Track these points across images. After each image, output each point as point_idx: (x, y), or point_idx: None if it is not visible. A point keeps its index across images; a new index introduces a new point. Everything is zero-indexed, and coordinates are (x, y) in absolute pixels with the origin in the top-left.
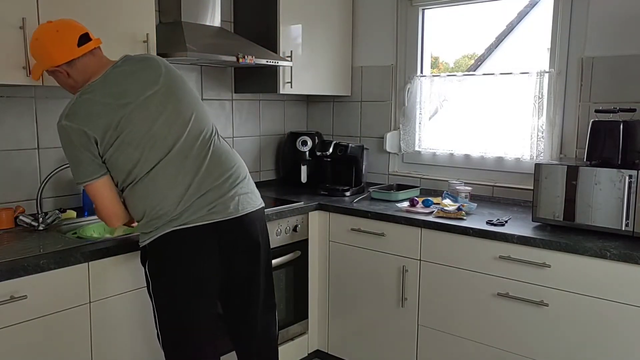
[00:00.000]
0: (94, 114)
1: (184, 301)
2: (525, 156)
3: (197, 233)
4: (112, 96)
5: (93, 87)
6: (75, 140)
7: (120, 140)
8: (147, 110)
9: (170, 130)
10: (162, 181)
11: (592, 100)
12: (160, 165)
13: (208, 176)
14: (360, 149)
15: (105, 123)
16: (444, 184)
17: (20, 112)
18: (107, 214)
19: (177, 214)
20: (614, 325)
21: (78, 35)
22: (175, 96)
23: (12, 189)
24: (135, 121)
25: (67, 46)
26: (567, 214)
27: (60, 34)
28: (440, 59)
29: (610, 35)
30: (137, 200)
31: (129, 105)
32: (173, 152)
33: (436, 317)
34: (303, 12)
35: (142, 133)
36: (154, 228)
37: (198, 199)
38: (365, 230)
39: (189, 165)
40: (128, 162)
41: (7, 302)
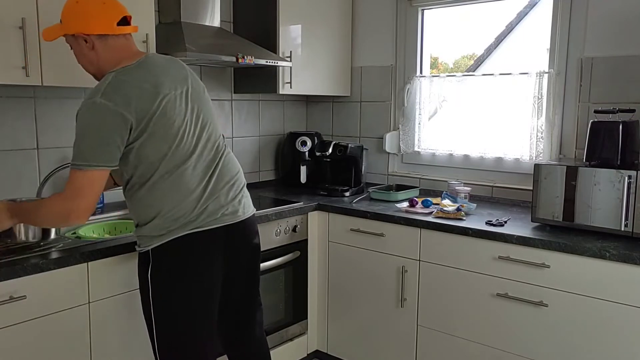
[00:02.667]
0: (134, 97)
1: (195, 306)
2: (525, 156)
3: (210, 236)
4: (150, 83)
5: (128, 71)
6: (109, 122)
7: (152, 130)
8: (179, 106)
9: (195, 131)
10: (185, 182)
11: (592, 100)
12: (185, 166)
13: (220, 180)
14: (359, 149)
15: (143, 108)
16: (444, 184)
17: (20, 112)
18: (87, 207)
19: (194, 216)
20: (613, 325)
21: (121, 15)
22: (200, 100)
23: (12, 189)
24: (169, 114)
25: (107, 20)
26: (567, 215)
27: (106, 6)
28: (440, 60)
29: (609, 36)
30: (154, 199)
31: (165, 96)
32: (196, 154)
33: (435, 318)
34: (303, 12)
35: (173, 128)
36: (166, 230)
37: (212, 202)
38: (364, 230)
39: (206, 169)
40: (156, 154)
41: (7, 302)
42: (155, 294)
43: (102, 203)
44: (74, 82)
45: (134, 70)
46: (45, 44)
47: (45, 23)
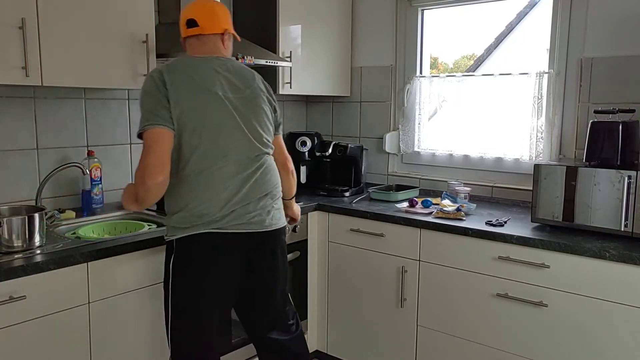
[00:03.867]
0: (184, 82)
1: (203, 302)
2: (525, 157)
3: (231, 239)
4: (201, 77)
5: (192, 59)
6: (155, 88)
7: (188, 118)
8: (222, 108)
9: (236, 136)
10: (215, 182)
11: (591, 100)
12: (217, 166)
13: (255, 189)
14: (359, 150)
15: (183, 95)
16: (443, 184)
17: (20, 112)
18: (155, 163)
19: (219, 217)
20: (613, 325)
21: (186, 18)
22: (253, 110)
23: (12, 189)
24: (208, 111)
25: (182, 25)
26: (566, 215)
27: (183, 13)
28: (440, 60)
29: (609, 36)
30: (183, 192)
31: (211, 93)
32: (232, 157)
33: (435, 318)
34: (302, 13)
35: (210, 125)
36: (190, 224)
37: (240, 207)
38: (364, 230)
39: (241, 175)
40: (187, 145)
41: (6, 302)
42: (174, 283)
43: (101, 203)
44: (74, 82)
45: (196, 61)
46: (45, 44)
47: (45, 23)
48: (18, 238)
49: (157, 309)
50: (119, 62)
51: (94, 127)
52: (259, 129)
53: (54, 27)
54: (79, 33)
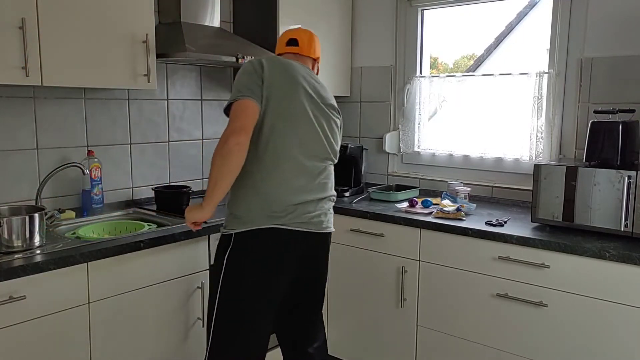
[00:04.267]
0: (279, 71)
1: (257, 298)
2: (525, 157)
3: (292, 237)
4: (292, 77)
5: (291, 61)
6: (254, 70)
7: (274, 102)
8: (308, 104)
9: (314, 133)
10: (285, 177)
11: (591, 101)
12: (293, 154)
13: (317, 191)
14: (359, 150)
15: (275, 84)
16: (443, 184)
17: (20, 112)
18: (241, 126)
19: (283, 213)
20: (613, 325)
21: (288, 37)
22: (328, 120)
23: (11, 189)
24: (295, 101)
25: (281, 43)
26: (566, 215)
27: (285, 33)
28: (440, 60)
29: (609, 36)
30: (257, 181)
31: (298, 92)
32: (307, 150)
33: (435, 318)
34: (302, 13)
35: (294, 113)
36: (254, 218)
37: (302, 206)
38: (364, 230)
39: (311, 172)
40: (268, 133)
41: (6, 302)
42: (226, 276)
43: (101, 203)
44: (74, 82)
45: (291, 61)
46: (45, 44)
47: (45, 23)
48: (18, 238)
49: (157, 309)
50: (119, 62)
51: (94, 127)
52: (331, 137)
53: (54, 27)
54: (79, 33)
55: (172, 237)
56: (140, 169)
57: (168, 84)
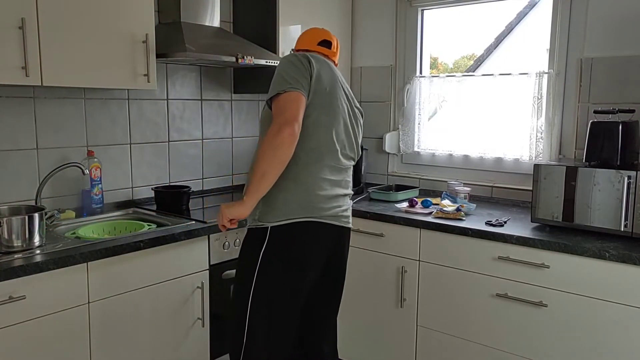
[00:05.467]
0: (324, 68)
1: (294, 294)
2: (525, 157)
3: (326, 230)
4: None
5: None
6: (301, 64)
7: (322, 100)
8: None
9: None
10: (323, 172)
11: (591, 101)
12: (330, 155)
13: (345, 186)
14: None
15: (322, 76)
16: (443, 184)
17: (19, 112)
18: (292, 117)
19: (319, 207)
20: (612, 325)
21: (322, 38)
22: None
23: (11, 189)
24: (337, 101)
25: (311, 39)
26: (566, 215)
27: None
28: (440, 60)
29: (609, 36)
30: (298, 170)
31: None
32: (340, 153)
33: (435, 318)
34: (302, 13)
35: (334, 113)
36: (292, 208)
37: (335, 199)
38: (364, 230)
39: (340, 172)
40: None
41: (6, 302)
42: (262, 272)
43: (101, 203)
44: (74, 82)
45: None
46: (45, 44)
47: (45, 23)
48: (18, 238)
49: (157, 309)
50: (119, 62)
51: (94, 127)
52: (358, 138)
53: (54, 27)
54: (79, 33)
55: (172, 237)
56: (140, 169)
57: (168, 84)
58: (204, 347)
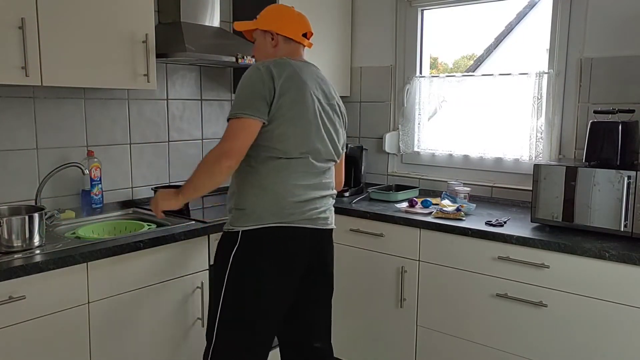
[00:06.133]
0: (285, 75)
1: (266, 301)
2: (524, 157)
3: (299, 234)
4: (304, 75)
5: (297, 63)
6: (262, 81)
7: (289, 112)
8: (316, 109)
9: (322, 136)
10: (293, 175)
11: (591, 101)
12: (300, 160)
13: (322, 188)
14: (359, 150)
15: (288, 86)
16: (443, 184)
17: (19, 112)
18: (237, 148)
19: (290, 211)
20: (612, 325)
21: (306, 30)
22: (333, 120)
23: (11, 189)
24: (307, 108)
25: (297, 28)
26: (566, 215)
27: (300, 19)
28: (440, 60)
29: (609, 36)
30: (263, 178)
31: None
32: (312, 157)
33: (435, 318)
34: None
35: (305, 121)
36: (260, 216)
37: (308, 202)
38: (364, 230)
39: (315, 174)
40: (282, 135)
41: (6, 302)
42: (232, 276)
43: (101, 203)
44: (74, 82)
45: (297, 63)
46: (45, 44)
47: (45, 23)
48: (18, 238)
49: (157, 309)
50: (118, 62)
51: (94, 127)
52: (335, 138)
53: (54, 27)
54: (79, 33)
55: (171, 237)
56: (140, 169)
57: (168, 84)
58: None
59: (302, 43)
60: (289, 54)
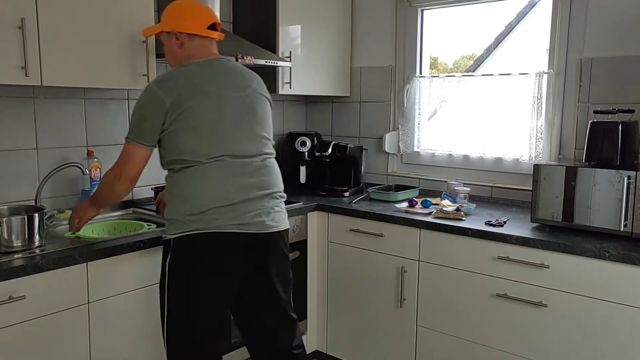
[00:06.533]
0: (179, 86)
1: (198, 303)
2: (524, 157)
3: (230, 240)
4: (202, 79)
5: (192, 66)
6: (152, 105)
7: (188, 122)
8: (223, 107)
9: (236, 135)
10: (212, 179)
11: (591, 101)
12: (215, 163)
13: (256, 187)
14: (359, 150)
15: (183, 98)
16: (443, 184)
17: (19, 112)
18: (128, 174)
19: (215, 215)
20: (612, 325)
21: (211, 21)
22: (253, 109)
23: (11, 189)
24: (208, 111)
25: (200, 22)
26: (566, 215)
27: (201, 11)
28: (439, 60)
29: (608, 36)
30: (181, 188)
31: (210, 94)
32: (230, 155)
33: (435, 318)
34: (302, 13)
35: (209, 124)
36: (188, 223)
37: (239, 205)
38: (364, 230)
39: (241, 174)
40: (186, 145)
41: (6, 302)
42: (170, 283)
43: None
44: (74, 82)
45: (196, 66)
46: (44, 44)
47: (44, 23)
48: (18, 238)
49: (157, 309)
50: (118, 62)
51: (94, 127)
52: (258, 128)
53: (54, 27)
54: (79, 33)
55: None
56: None
57: None
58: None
59: (209, 36)
60: (197, 52)
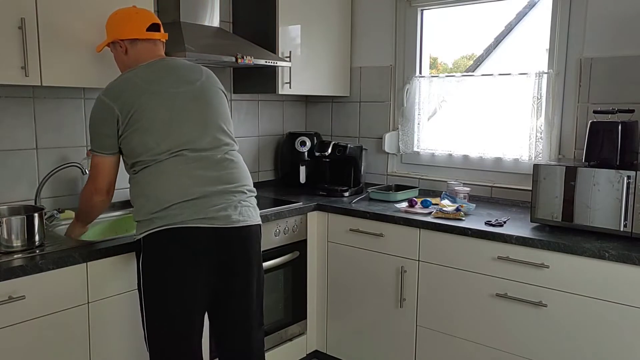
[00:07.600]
0: (124, 91)
1: (174, 302)
2: (524, 157)
3: (195, 235)
4: (146, 80)
5: (136, 70)
6: (104, 114)
7: (138, 123)
8: (172, 103)
9: (191, 129)
10: (170, 174)
11: (591, 101)
12: (172, 159)
13: (221, 181)
14: (359, 150)
15: (130, 102)
16: (443, 184)
17: (19, 112)
18: (101, 186)
19: (179, 211)
20: (612, 326)
21: (150, 22)
22: (206, 101)
23: (11, 189)
24: (157, 109)
25: (137, 26)
26: (566, 215)
27: (138, 15)
28: (439, 60)
29: (608, 36)
30: (143, 189)
31: (157, 92)
32: (188, 150)
33: (435, 318)
34: (302, 13)
35: (160, 122)
36: (152, 221)
37: (202, 199)
38: (363, 230)
39: (202, 167)
40: (140, 146)
41: (5, 302)
42: (145, 284)
43: None
44: (73, 82)
45: (140, 69)
46: (44, 44)
47: (44, 23)
48: (17, 238)
49: None
50: None
51: None
52: (215, 120)
53: (54, 27)
54: (79, 33)
55: None
56: None
57: None
58: (204, 347)
59: (152, 38)
60: (142, 56)
